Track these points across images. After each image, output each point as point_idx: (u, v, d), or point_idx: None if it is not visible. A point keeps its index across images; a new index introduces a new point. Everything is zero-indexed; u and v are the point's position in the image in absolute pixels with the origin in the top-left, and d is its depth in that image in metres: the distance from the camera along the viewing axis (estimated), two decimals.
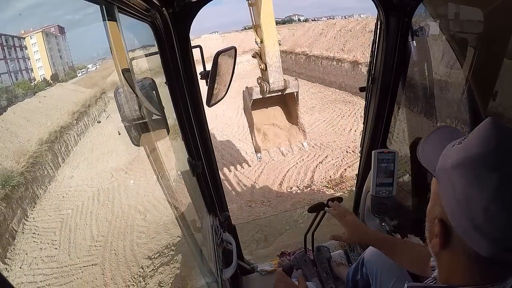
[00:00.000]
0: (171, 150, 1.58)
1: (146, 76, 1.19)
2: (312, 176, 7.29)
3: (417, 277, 1.18)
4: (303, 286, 1.09)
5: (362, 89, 1.64)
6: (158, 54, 1.12)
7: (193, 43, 1.22)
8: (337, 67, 14.15)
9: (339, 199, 1.72)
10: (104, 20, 0.70)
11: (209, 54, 1.19)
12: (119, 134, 10.40)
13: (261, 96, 3.96)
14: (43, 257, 5.55)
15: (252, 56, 4.11)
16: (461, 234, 0.47)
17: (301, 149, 6.68)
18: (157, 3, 0.96)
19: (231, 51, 1.38)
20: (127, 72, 0.84)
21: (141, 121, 0.98)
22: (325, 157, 8.14)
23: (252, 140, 4.32)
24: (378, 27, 1.35)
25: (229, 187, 7.07)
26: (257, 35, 3.98)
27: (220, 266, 1.36)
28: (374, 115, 1.55)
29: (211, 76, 1.22)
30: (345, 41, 14.62)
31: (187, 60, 1.17)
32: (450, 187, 0.48)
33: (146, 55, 1.20)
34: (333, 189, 6.61)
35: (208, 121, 1.44)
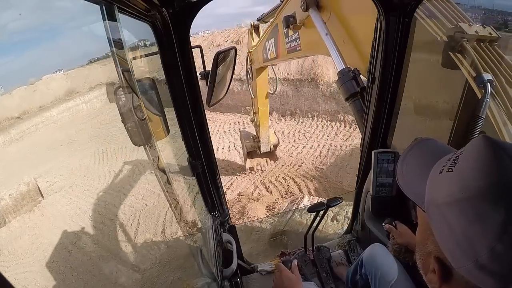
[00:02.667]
0: (171, 150, 1.58)
1: (146, 76, 1.19)
2: None
3: (417, 278, 1.18)
4: (297, 274, 1.15)
5: (362, 89, 1.64)
6: (158, 54, 1.12)
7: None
8: None
9: (339, 199, 1.72)
10: (104, 20, 0.70)
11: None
12: None
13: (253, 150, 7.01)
14: None
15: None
16: (464, 274, 0.42)
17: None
18: (157, 3, 0.96)
19: (231, 51, 1.38)
20: (127, 72, 0.84)
21: (141, 121, 0.98)
22: None
23: (245, 164, 7.50)
24: (378, 27, 1.35)
25: None
26: (254, 120, 6.28)
27: (220, 266, 1.36)
28: (374, 115, 1.55)
29: (211, 76, 1.22)
30: (195, 57, 14.28)
31: (187, 60, 1.17)
32: (446, 226, 0.42)
33: (146, 55, 1.20)
34: (234, 216, 6.04)
35: None
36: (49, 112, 16.59)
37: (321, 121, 10.03)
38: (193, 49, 1.20)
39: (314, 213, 1.76)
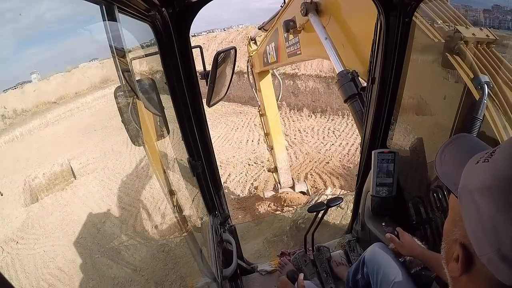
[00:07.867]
0: (171, 150, 1.58)
1: (146, 76, 1.19)
2: None
3: (418, 277, 1.18)
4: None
5: (362, 89, 1.64)
6: (158, 54, 1.12)
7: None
8: None
9: (339, 199, 1.72)
10: (104, 20, 0.70)
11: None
12: (1, 195, 8.25)
13: (274, 193, 5.59)
14: None
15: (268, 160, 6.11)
16: (485, 263, 0.43)
17: None
18: (157, 3, 0.96)
19: (231, 51, 1.38)
20: (127, 72, 0.84)
21: (141, 121, 0.98)
22: (228, 175, 7.79)
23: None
24: (378, 27, 1.35)
25: None
26: (267, 141, 5.16)
27: (220, 266, 1.36)
28: (374, 115, 1.55)
29: (211, 76, 1.22)
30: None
31: (187, 60, 1.17)
32: (475, 211, 0.43)
33: (146, 55, 1.20)
34: (244, 210, 6.21)
35: None
36: (84, 98, 17.22)
37: (351, 120, 9.85)
38: (193, 49, 1.20)
39: (314, 213, 1.76)
